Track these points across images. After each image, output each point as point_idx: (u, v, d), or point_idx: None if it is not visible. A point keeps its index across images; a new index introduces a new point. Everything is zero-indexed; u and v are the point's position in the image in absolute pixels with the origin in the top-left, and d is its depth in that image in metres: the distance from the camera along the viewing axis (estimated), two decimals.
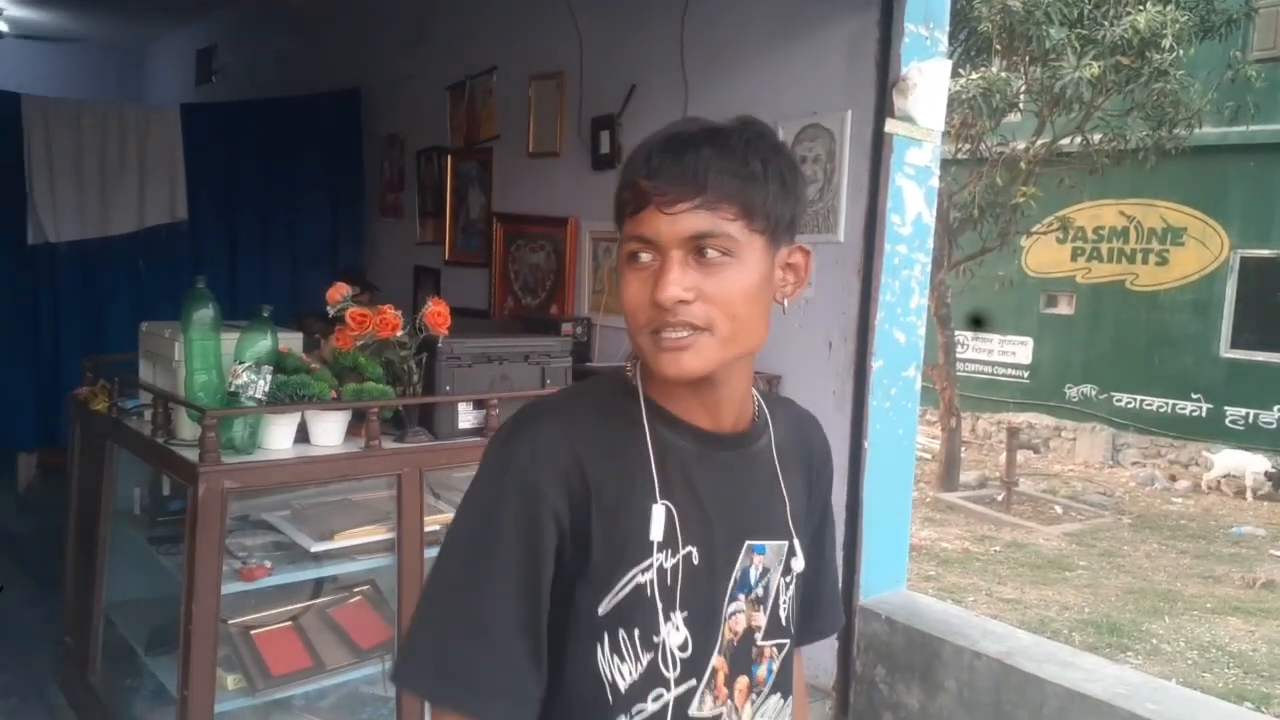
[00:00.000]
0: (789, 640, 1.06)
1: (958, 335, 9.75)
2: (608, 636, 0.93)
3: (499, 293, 4.50)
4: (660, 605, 0.93)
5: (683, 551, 0.95)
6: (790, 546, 1.03)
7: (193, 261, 5.03)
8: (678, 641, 0.95)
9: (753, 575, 1.01)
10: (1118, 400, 10.95)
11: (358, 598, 2.53)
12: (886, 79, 2.81)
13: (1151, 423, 10.70)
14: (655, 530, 0.93)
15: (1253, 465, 9.28)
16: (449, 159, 4.83)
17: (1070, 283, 11.35)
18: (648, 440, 0.96)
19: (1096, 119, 7.74)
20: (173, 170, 5.07)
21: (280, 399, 2.20)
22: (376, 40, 5.47)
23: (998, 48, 7.38)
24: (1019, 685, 2.48)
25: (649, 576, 0.93)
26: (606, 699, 0.94)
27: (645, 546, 0.93)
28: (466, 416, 2.50)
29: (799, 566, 1.04)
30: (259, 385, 2.16)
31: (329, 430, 2.31)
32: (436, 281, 4.97)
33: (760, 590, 1.01)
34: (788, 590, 1.04)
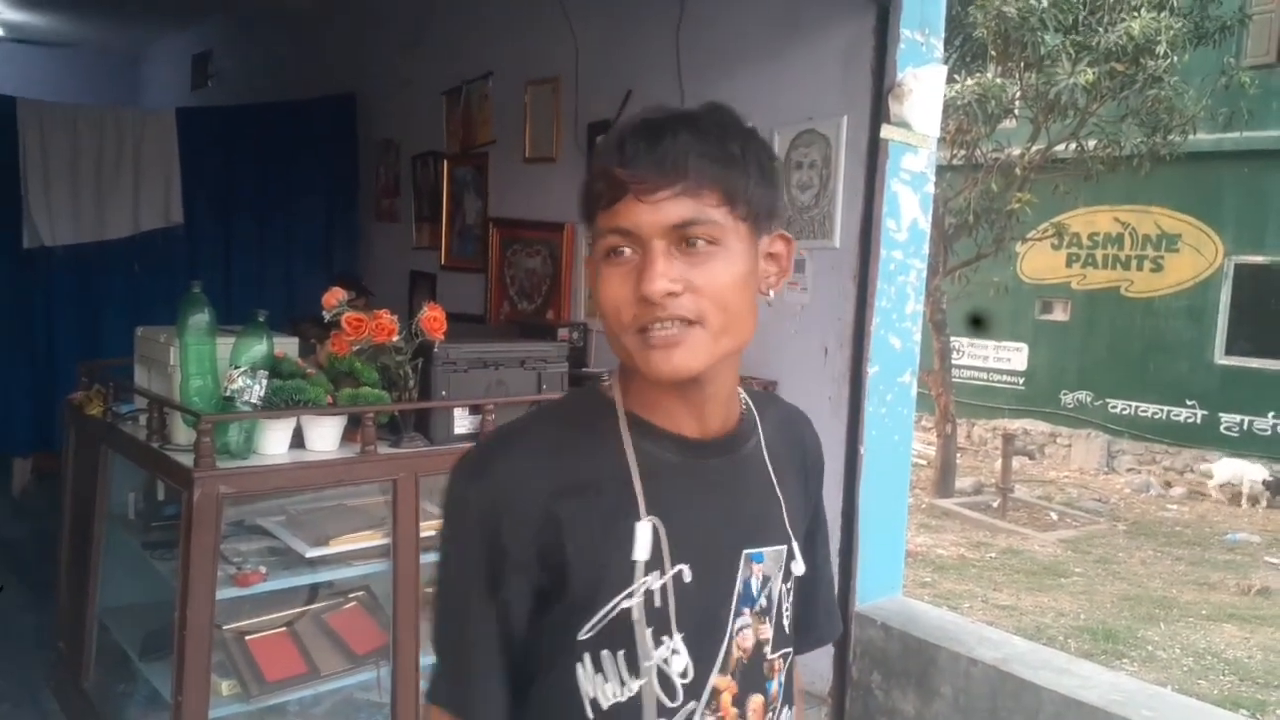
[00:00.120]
0: (791, 649, 1.02)
1: (953, 341, 9.76)
2: (589, 657, 0.90)
3: (495, 298, 4.49)
4: (651, 629, 0.89)
5: (671, 571, 0.89)
6: (789, 550, 0.99)
7: (188, 266, 5.04)
8: (679, 668, 0.90)
9: (754, 586, 0.95)
10: (1113, 407, 10.96)
11: (353, 603, 2.52)
12: (882, 85, 2.81)
13: (1146, 429, 10.71)
14: (640, 550, 0.88)
15: (1251, 474, 9.30)
16: (445, 164, 4.83)
17: (1065, 289, 11.37)
18: (629, 456, 0.91)
19: (1091, 125, 7.75)
20: (168, 174, 5.07)
21: (275, 404, 2.19)
22: (372, 44, 5.47)
23: (993, 54, 7.40)
24: (1015, 692, 2.48)
25: (635, 600, 0.88)
26: (586, 715, 0.90)
27: (628, 569, 0.88)
28: (462, 421, 2.50)
29: (799, 570, 0.99)
30: (254, 390, 2.16)
31: (324, 435, 2.31)
32: (432, 286, 4.97)
33: (764, 600, 0.96)
34: (789, 596, 1.00)
